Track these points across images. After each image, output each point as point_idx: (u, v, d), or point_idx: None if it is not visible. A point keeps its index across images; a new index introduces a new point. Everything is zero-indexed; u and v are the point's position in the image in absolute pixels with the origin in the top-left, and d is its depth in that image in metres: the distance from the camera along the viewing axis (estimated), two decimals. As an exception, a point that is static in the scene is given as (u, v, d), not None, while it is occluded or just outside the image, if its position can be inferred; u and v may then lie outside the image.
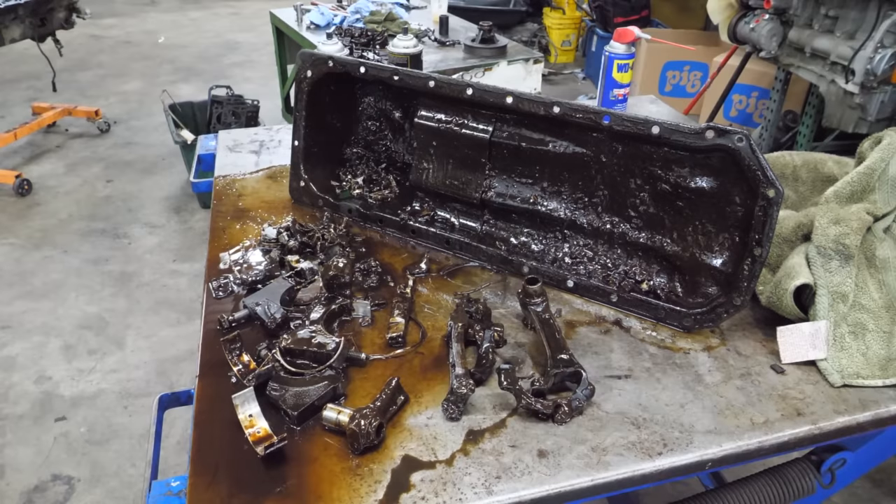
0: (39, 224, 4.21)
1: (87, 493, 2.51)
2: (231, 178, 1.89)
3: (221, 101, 4.54)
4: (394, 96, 1.68)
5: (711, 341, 1.31)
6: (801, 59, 3.32)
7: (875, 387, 1.20)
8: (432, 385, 1.18)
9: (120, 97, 6.25)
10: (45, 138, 5.40)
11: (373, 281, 1.45)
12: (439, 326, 1.32)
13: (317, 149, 1.70)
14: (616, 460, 1.05)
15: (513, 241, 1.54)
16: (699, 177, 1.30)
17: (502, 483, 1.00)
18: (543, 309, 1.26)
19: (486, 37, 3.55)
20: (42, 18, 4.81)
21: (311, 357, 1.16)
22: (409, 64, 2.73)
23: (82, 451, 2.68)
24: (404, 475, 1.01)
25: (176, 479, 1.21)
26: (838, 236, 1.30)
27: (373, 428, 1.03)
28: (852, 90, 2.91)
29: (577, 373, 1.14)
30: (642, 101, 2.45)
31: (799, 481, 1.37)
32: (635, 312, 1.37)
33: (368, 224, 1.66)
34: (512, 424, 1.11)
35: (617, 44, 2.00)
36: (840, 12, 3.02)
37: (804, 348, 1.24)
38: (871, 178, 1.38)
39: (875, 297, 1.30)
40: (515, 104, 1.39)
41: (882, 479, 2.51)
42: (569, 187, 1.48)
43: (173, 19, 8.92)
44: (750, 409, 1.14)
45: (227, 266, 1.50)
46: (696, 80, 5.71)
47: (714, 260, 1.32)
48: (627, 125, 1.29)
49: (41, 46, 4.93)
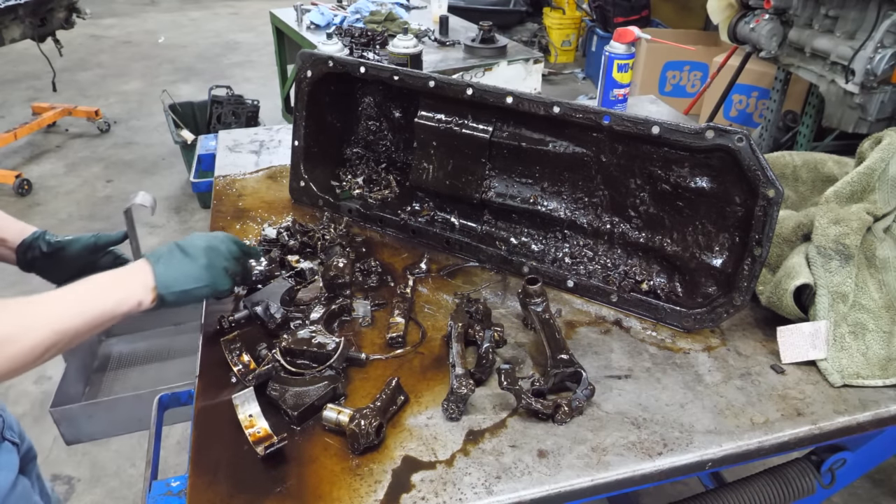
0: (39, 224, 4.17)
1: (87, 493, 2.51)
2: (231, 178, 1.89)
3: (221, 101, 4.54)
4: (394, 96, 1.68)
5: (711, 341, 1.31)
6: (801, 59, 3.32)
7: (875, 387, 1.20)
8: (432, 385, 1.18)
9: (120, 97, 6.25)
10: (45, 138, 5.40)
11: (373, 281, 1.45)
12: (439, 326, 1.32)
13: (317, 149, 1.70)
14: (616, 460, 1.05)
15: (513, 241, 1.54)
16: (699, 177, 1.30)
17: (502, 483, 1.00)
18: (543, 309, 1.26)
19: (486, 37, 3.55)
20: (42, 18, 4.81)
21: (311, 357, 1.16)
22: (409, 64, 2.73)
23: (82, 451, 2.68)
24: (404, 475, 1.01)
25: (176, 479, 1.21)
26: (838, 236, 1.30)
27: (373, 428, 1.03)
28: (852, 90, 2.91)
29: (577, 373, 1.14)
30: (642, 101, 2.45)
31: (799, 481, 1.37)
32: (635, 312, 1.37)
33: (368, 224, 1.66)
34: (512, 424, 1.11)
35: (617, 44, 2.00)
36: (840, 12, 3.02)
37: (804, 348, 1.24)
38: (871, 178, 1.38)
39: (875, 297, 1.30)
40: (515, 104, 1.39)
41: (882, 479, 2.51)
42: (569, 187, 1.48)
43: (173, 19, 8.92)
44: (750, 409, 1.14)
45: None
46: (696, 80, 5.71)
47: (714, 260, 1.32)
48: (627, 125, 1.29)
49: (41, 46, 4.93)
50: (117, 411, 1.53)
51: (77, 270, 1.43)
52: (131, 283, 1.09)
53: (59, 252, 1.40)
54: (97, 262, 1.45)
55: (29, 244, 1.37)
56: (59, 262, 1.41)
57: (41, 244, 1.38)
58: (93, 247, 1.43)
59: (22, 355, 0.93)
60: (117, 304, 1.05)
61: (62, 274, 1.43)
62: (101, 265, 1.46)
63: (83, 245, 1.42)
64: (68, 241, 1.42)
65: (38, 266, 1.40)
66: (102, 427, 1.55)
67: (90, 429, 1.54)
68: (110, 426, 1.56)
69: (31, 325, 0.94)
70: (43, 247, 1.38)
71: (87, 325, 1.02)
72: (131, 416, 1.55)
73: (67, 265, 1.41)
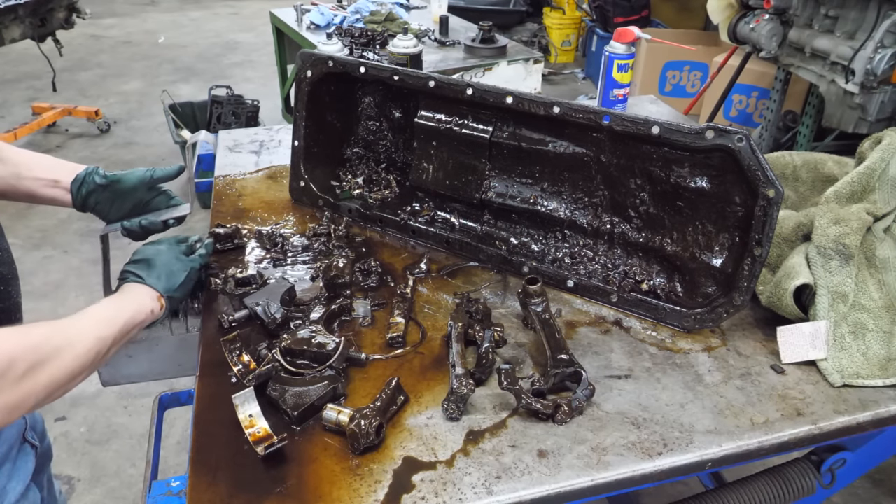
0: (39, 224, 4.21)
1: (87, 493, 2.51)
2: (231, 178, 1.89)
3: (221, 101, 4.54)
4: (394, 96, 1.68)
5: (711, 341, 1.31)
6: (801, 59, 3.32)
7: (875, 387, 1.20)
8: (432, 385, 1.18)
9: (120, 97, 6.25)
10: (45, 138, 5.40)
11: (373, 281, 1.45)
12: (439, 326, 1.32)
13: (317, 149, 1.70)
14: (616, 460, 1.05)
15: (513, 241, 1.54)
16: (699, 177, 1.30)
17: (502, 483, 1.00)
18: (543, 309, 1.26)
19: (486, 37, 3.55)
20: (42, 18, 4.81)
21: (311, 357, 1.16)
22: (409, 64, 2.74)
23: (82, 451, 2.68)
24: (404, 475, 1.01)
25: (176, 479, 1.22)
26: (838, 236, 1.30)
27: (373, 428, 1.03)
28: (852, 90, 2.92)
29: (577, 373, 1.14)
30: (642, 101, 2.45)
31: (799, 481, 1.37)
32: (635, 312, 1.37)
33: (368, 224, 1.66)
34: (512, 424, 1.11)
35: (617, 44, 2.00)
36: (840, 12, 3.02)
37: (804, 348, 1.24)
38: (871, 178, 1.38)
39: (875, 297, 1.30)
40: (515, 104, 1.39)
41: (882, 479, 2.51)
42: (569, 187, 1.48)
43: (173, 19, 8.92)
44: (750, 409, 1.14)
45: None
46: (696, 80, 5.72)
47: (714, 260, 1.32)
48: (627, 125, 1.29)
49: (41, 46, 4.93)
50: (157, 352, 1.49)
51: (131, 207, 1.46)
52: (140, 299, 1.20)
53: (113, 185, 1.42)
54: (151, 201, 1.48)
55: (83, 179, 1.40)
56: (115, 196, 1.43)
57: (94, 177, 1.40)
58: (148, 181, 1.45)
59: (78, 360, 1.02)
60: (135, 314, 1.16)
61: (117, 210, 1.45)
62: (154, 204, 1.48)
63: (138, 178, 1.44)
64: (123, 174, 1.44)
65: (93, 201, 1.42)
66: (142, 369, 1.51)
67: (129, 370, 1.50)
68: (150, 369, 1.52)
69: (79, 334, 1.05)
70: (97, 179, 1.40)
71: (121, 332, 1.12)
72: (172, 360, 1.51)
73: (123, 199, 1.44)
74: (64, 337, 1.02)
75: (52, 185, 1.39)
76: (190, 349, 1.44)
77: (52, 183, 1.39)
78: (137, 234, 1.45)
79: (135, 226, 1.43)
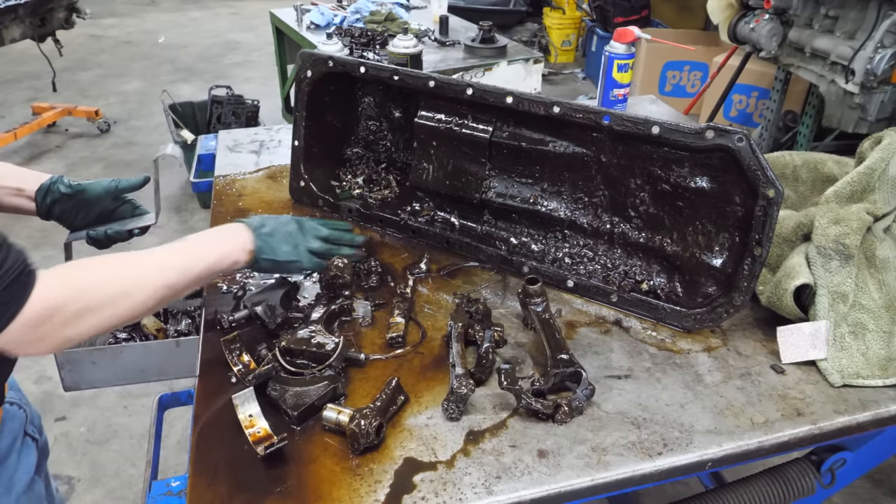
0: (39, 224, 4.18)
1: (87, 493, 2.51)
2: (231, 178, 1.89)
3: (221, 101, 4.54)
4: (394, 96, 1.68)
5: (711, 341, 1.31)
6: (801, 59, 3.32)
7: (875, 387, 1.20)
8: (432, 385, 1.18)
9: (120, 97, 6.25)
10: (45, 138, 5.40)
11: (373, 281, 1.45)
12: (439, 326, 1.32)
13: (317, 149, 1.70)
14: (616, 460, 1.05)
15: (513, 241, 1.54)
16: (699, 177, 1.30)
17: (502, 483, 1.00)
18: (543, 309, 1.26)
19: (486, 37, 3.55)
20: (42, 18, 4.81)
21: (310, 357, 1.16)
22: (409, 64, 2.73)
23: (82, 451, 2.68)
24: (404, 475, 1.01)
25: (176, 479, 1.21)
26: (838, 236, 1.30)
27: (373, 428, 1.03)
28: (852, 90, 2.91)
29: (577, 373, 1.14)
30: (642, 101, 2.45)
31: (799, 481, 1.37)
32: (635, 312, 1.37)
33: (368, 224, 1.66)
34: (512, 424, 1.11)
35: (617, 44, 2.00)
36: (840, 12, 3.02)
37: (804, 348, 1.24)
38: (871, 178, 1.38)
39: (875, 297, 1.30)
40: (515, 104, 1.39)
41: (882, 479, 2.51)
42: (569, 187, 1.48)
43: (173, 19, 8.92)
44: (750, 409, 1.14)
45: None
46: (696, 80, 5.71)
47: (714, 260, 1.32)
48: (627, 125, 1.29)
49: (41, 46, 4.93)
50: (122, 359, 1.51)
51: (96, 216, 1.45)
52: (232, 243, 1.17)
53: (78, 195, 1.41)
54: (116, 210, 1.47)
55: (48, 188, 1.38)
56: (79, 206, 1.42)
57: (60, 187, 1.39)
58: (114, 191, 1.44)
59: (136, 307, 1.01)
60: (218, 261, 1.13)
61: (83, 219, 1.44)
62: (119, 213, 1.47)
63: (104, 188, 1.43)
64: (88, 184, 1.43)
65: (58, 211, 1.41)
66: (105, 375, 1.52)
67: (92, 376, 1.51)
68: (113, 375, 1.52)
69: (144, 281, 1.02)
70: (62, 188, 1.39)
71: (192, 280, 1.09)
72: (135, 366, 1.52)
73: (87, 209, 1.43)
74: (119, 287, 0.99)
75: (15, 193, 1.35)
76: (153, 357, 1.46)
77: (16, 192, 1.35)
78: (102, 243, 1.43)
79: (100, 234, 1.42)
